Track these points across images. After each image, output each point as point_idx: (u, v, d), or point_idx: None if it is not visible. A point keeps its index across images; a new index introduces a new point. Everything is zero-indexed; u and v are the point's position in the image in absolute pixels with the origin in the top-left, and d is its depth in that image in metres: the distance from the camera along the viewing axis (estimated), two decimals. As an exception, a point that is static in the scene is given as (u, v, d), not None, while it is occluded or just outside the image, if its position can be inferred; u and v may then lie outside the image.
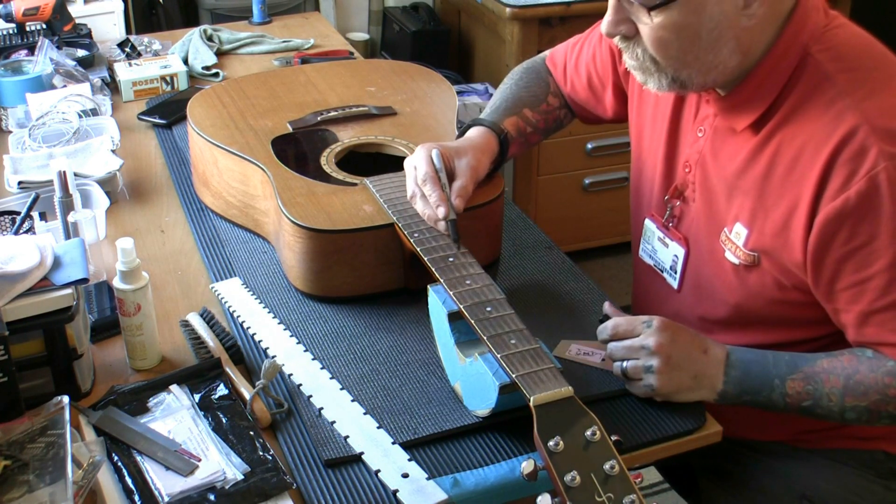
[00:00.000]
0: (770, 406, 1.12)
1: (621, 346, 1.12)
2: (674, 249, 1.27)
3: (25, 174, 1.61)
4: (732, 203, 1.17)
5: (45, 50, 2.01)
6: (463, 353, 1.09)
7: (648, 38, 1.08)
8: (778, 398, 1.11)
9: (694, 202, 1.23)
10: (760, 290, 1.17)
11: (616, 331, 1.14)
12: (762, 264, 1.15)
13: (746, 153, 1.14)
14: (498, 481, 1.02)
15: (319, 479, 1.02)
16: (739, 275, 1.18)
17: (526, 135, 1.42)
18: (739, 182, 1.15)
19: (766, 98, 1.11)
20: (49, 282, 1.11)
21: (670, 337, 1.10)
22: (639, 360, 1.11)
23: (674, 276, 1.29)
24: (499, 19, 2.72)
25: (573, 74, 1.46)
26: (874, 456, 1.28)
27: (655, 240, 1.31)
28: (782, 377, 1.11)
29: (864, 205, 1.03)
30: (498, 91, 1.48)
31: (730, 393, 1.12)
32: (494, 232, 1.40)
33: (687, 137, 1.24)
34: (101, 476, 1.00)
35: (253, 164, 1.43)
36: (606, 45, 1.39)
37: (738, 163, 1.15)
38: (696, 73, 1.10)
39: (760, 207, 1.13)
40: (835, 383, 1.10)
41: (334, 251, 1.28)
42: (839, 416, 1.11)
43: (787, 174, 1.09)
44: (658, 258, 1.31)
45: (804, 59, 1.09)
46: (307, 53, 2.28)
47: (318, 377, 1.16)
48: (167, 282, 1.39)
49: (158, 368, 1.20)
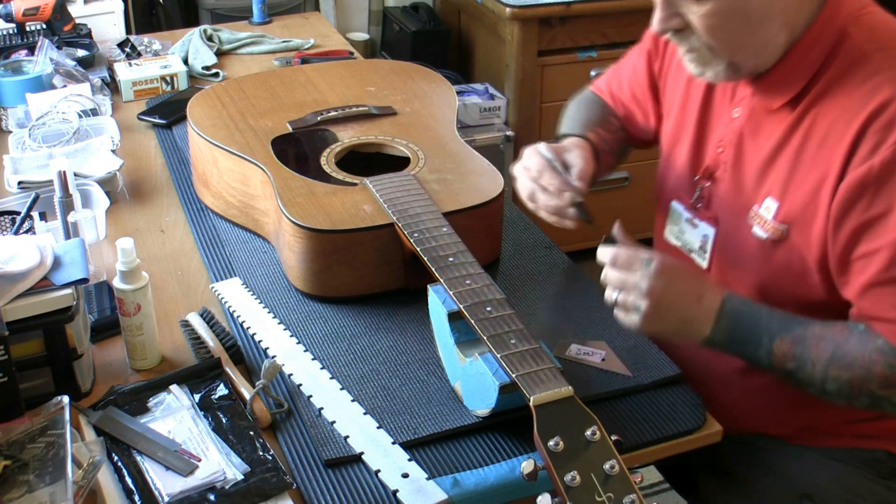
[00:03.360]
0: (754, 361, 1.13)
1: (616, 277, 1.13)
2: (703, 230, 1.28)
3: (25, 174, 1.61)
4: (764, 180, 1.18)
5: (45, 50, 2.01)
6: (463, 353, 1.09)
7: (700, 26, 1.10)
8: (763, 355, 1.12)
9: (723, 182, 1.24)
10: (785, 268, 1.18)
11: (615, 261, 1.14)
12: (790, 238, 1.16)
13: (783, 130, 1.16)
14: (498, 481, 1.02)
15: (319, 479, 1.02)
16: (766, 250, 1.19)
17: (604, 151, 1.42)
18: (775, 159, 1.17)
19: (803, 76, 1.13)
20: (49, 282, 1.11)
21: (665, 283, 1.11)
22: (629, 297, 1.12)
23: (703, 255, 1.29)
24: (499, 19, 2.72)
25: (618, 93, 1.48)
26: (876, 455, 1.28)
27: (683, 221, 1.31)
28: (772, 334, 1.11)
29: (885, 174, 1.05)
30: (565, 117, 1.49)
31: (716, 341, 1.13)
32: (494, 232, 1.40)
33: (721, 119, 1.26)
34: (101, 476, 1.00)
35: (253, 164, 1.43)
36: (642, 55, 1.42)
37: (774, 140, 1.17)
38: (750, 55, 1.12)
39: (792, 180, 1.15)
40: (822, 350, 1.10)
41: (334, 251, 1.28)
42: (820, 385, 1.10)
43: (820, 145, 1.11)
44: (686, 239, 1.32)
45: (841, 38, 1.11)
46: (307, 53, 2.28)
47: (318, 377, 1.16)
48: (167, 282, 1.39)
49: (158, 368, 1.20)
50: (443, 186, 1.37)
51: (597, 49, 2.76)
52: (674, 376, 1.18)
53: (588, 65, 2.77)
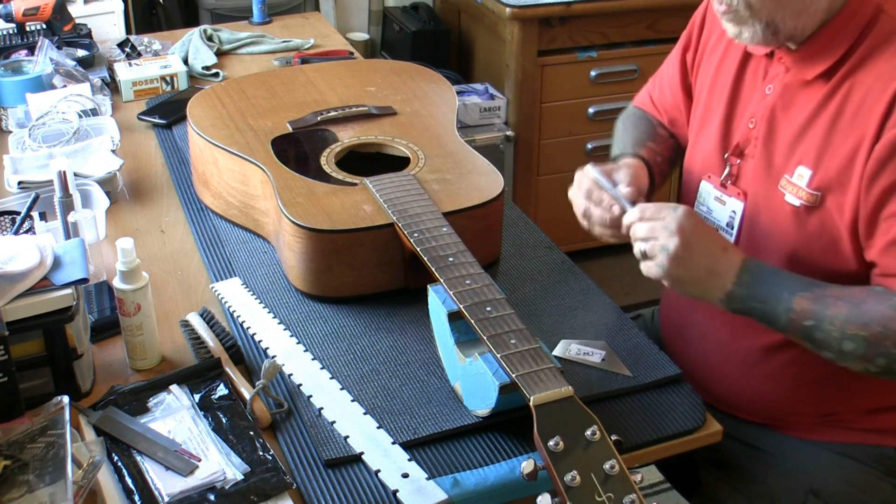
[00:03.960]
0: (772, 320, 1.14)
1: (645, 227, 1.15)
2: (731, 206, 1.29)
3: (25, 174, 1.61)
4: (796, 150, 1.19)
5: (45, 50, 2.01)
6: (463, 353, 1.09)
7: None
8: (782, 312, 1.12)
9: (753, 158, 1.25)
10: (818, 235, 1.18)
11: (643, 214, 1.16)
12: (824, 205, 1.16)
13: (818, 101, 1.17)
14: (498, 481, 1.02)
15: (319, 479, 1.02)
16: (799, 217, 1.19)
17: (657, 163, 1.43)
18: (808, 129, 1.18)
19: (839, 47, 1.15)
20: (49, 282, 1.11)
21: (693, 224, 1.13)
22: (658, 240, 1.13)
23: (730, 232, 1.30)
24: (499, 19, 2.72)
25: (660, 100, 1.50)
26: (884, 452, 1.28)
27: (711, 200, 1.32)
28: (792, 291, 1.12)
29: None
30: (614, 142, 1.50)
31: (738, 295, 1.14)
32: (494, 232, 1.40)
33: (752, 97, 1.27)
34: (101, 476, 1.00)
35: (253, 164, 1.43)
36: (677, 53, 1.44)
37: (808, 111, 1.18)
38: (789, 16, 1.13)
39: (827, 147, 1.16)
40: (840, 309, 1.10)
41: (334, 251, 1.28)
42: (837, 344, 1.10)
43: (856, 112, 1.13)
44: (714, 217, 1.32)
45: (877, 14, 1.14)
46: (307, 53, 2.28)
47: (318, 377, 1.16)
48: (167, 282, 1.39)
49: (158, 368, 1.20)
50: (443, 186, 1.37)
51: (597, 49, 2.76)
52: (674, 376, 1.18)
53: (588, 65, 2.77)
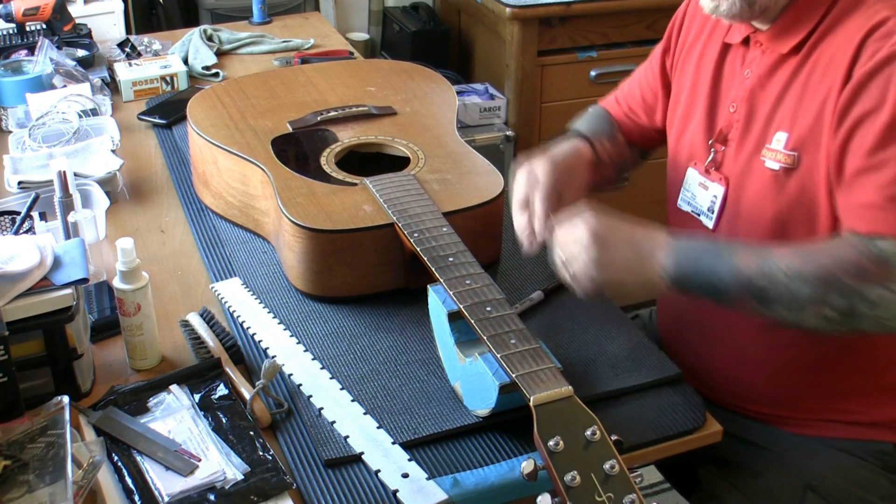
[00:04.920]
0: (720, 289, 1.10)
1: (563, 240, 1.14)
2: (713, 191, 1.29)
3: (25, 174, 1.61)
4: (773, 120, 1.20)
5: (45, 50, 2.01)
6: (463, 353, 1.09)
7: None
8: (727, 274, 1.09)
9: (735, 142, 1.26)
10: (797, 201, 1.18)
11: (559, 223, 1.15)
12: (801, 164, 1.17)
13: (790, 71, 1.19)
14: (498, 481, 1.02)
15: (319, 479, 1.02)
16: (779, 182, 1.19)
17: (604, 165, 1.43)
18: (783, 97, 1.19)
19: (812, 18, 1.16)
20: (49, 282, 1.11)
21: (604, 223, 1.11)
22: (578, 258, 1.11)
23: (710, 216, 1.30)
24: (499, 19, 2.72)
25: (627, 98, 1.50)
26: (881, 447, 1.28)
27: (696, 186, 1.33)
28: (731, 252, 1.10)
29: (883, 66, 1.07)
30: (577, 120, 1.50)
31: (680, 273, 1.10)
32: (494, 232, 1.40)
33: (732, 83, 1.28)
34: (101, 476, 1.00)
35: (253, 164, 1.43)
36: (657, 55, 1.45)
37: (783, 82, 1.20)
38: None
39: (801, 107, 1.17)
40: (788, 255, 1.08)
41: (334, 251, 1.28)
42: (788, 292, 1.06)
43: (824, 71, 1.14)
44: (696, 203, 1.33)
45: None
46: (307, 53, 2.28)
47: (318, 377, 1.16)
48: (167, 282, 1.39)
49: (158, 368, 1.20)
50: (443, 186, 1.37)
51: (597, 49, 2.76)
52: (674, 376, 1.18)
53: (588, 65, 2.77)
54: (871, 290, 1.04)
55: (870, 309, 1.05)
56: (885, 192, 1.07)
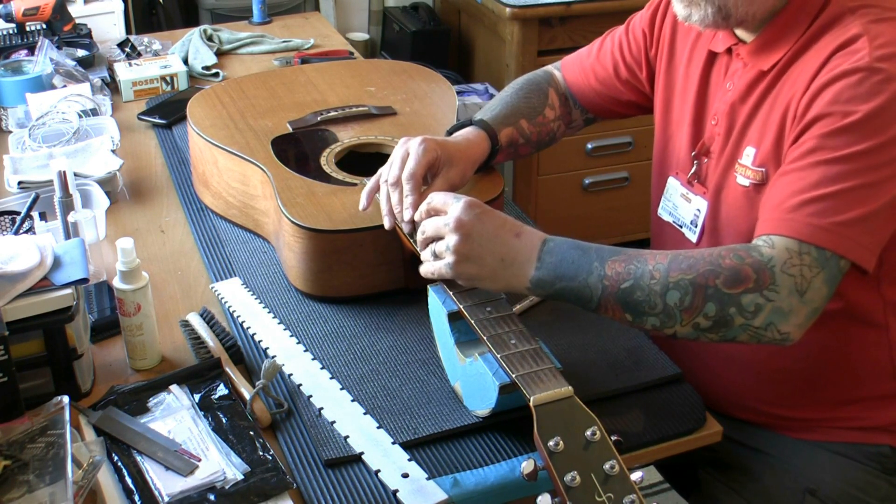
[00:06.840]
0: (587, 297, 1.05)
1: (431, 223, 1.11)
2: (696, 204, 1.29)
3: (25, 174, 1.61)
4: (745, 135, 1.20)
5: (45, 50, 2.01)
6: (463, 353, 1.09)
7: None
8: (595, 282, 1.04)
9: (715, 154, 1.26)
10: None
11: (429, 205, 1.12)
12: (769, 180, 1.16)
13: (765, 87, 1.18)
14: (498, 481, 1.02)
15: (319, 479, 1.02)
16: (750, 199, 1.19)
17: (517, 146, 1.42)
18: (756, 113, 1.19)
19: (792, 37, 1.15)
20: (49, 282, 1.11)
21: (475, 215, 1.07)
22: (443, 239, 1.09)
23: (693, 230, 1.29)
24: (499, 19, 2.72)
25: (594, 65, 1.47)
26: (881, 451, 1.28)
27: (678, 196, 1.32)
28: (603, 259, 1.05)
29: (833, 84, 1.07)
30: (498, 97, 1.48)
31: (543, 280, 1.06)
32: (494, 232, 1.40)
33: (716, 95, 1.27)
34: (101, 476, 1.00)
35: (253, 164, 1.43)
36: (638, 33, 1.43)
37: (757, 98, 1.19)
38: (742, 2, 1.13)
39: (768, 122, 1.17)
40: (660, 260, 1.04)
41: (334, 251, 1.28)
42: (661, 298, 1.02)
43: (791, 85, 1.14)
44: (678, 214, 1.33)
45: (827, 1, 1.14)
46: (307, 53, 2.28)
47: (318, 377, 1.16)
48: (167, 282, 1.39)
49: (158, 368, 1.20)
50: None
51: (597, 49, 2.76)
52: (674, 376, 1.18)
53: (588, 65, 2.77)
54: (746, 297, 1.02)
55: (744, 318, 1.02)
56: (802, 196, 1.05)
